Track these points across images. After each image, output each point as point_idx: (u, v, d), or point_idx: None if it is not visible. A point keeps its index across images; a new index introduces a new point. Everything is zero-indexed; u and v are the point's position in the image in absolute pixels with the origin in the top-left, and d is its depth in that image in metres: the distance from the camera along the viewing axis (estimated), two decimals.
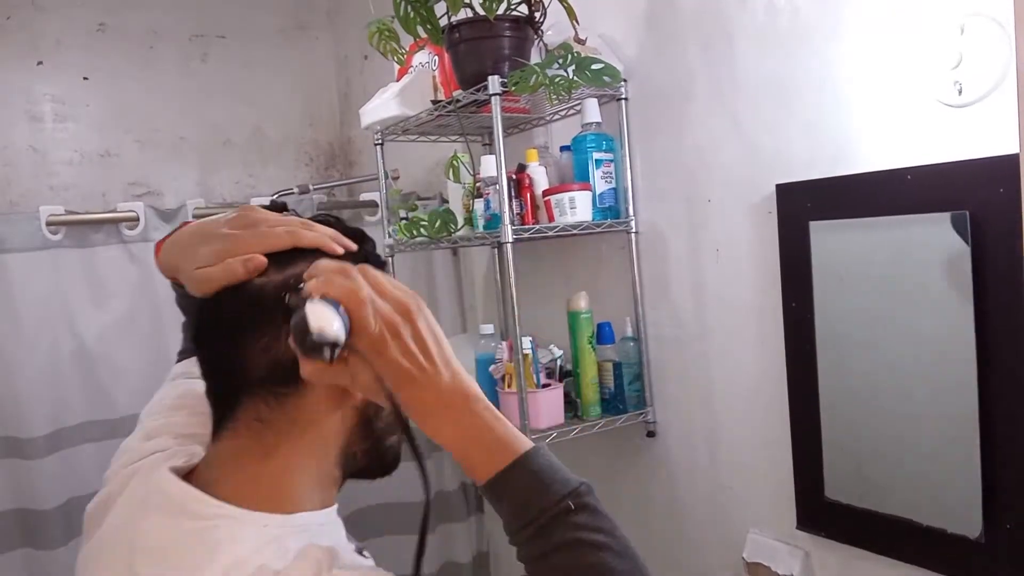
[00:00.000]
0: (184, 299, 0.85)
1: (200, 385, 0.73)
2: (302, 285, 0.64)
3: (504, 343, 1.50)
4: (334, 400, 0.69)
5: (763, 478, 1.34)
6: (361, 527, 2.07)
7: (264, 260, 0.66)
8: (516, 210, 1.47)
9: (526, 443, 0.68)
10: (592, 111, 1.48)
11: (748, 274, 1.33)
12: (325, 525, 0.72)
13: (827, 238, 1.17)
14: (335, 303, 0.62)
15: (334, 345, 0.61)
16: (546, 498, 0.65)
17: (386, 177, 1.82)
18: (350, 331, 0.62)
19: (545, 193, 1.48)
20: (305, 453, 0.70)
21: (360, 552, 0.78)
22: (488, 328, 1.60)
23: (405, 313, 0.65)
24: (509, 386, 1.46)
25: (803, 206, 1.20)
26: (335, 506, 0.75)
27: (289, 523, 0.67)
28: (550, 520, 0.64)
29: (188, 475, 0.71)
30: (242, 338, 0.67)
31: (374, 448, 0.74)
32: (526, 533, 0.64)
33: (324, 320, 0.60)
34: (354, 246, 0.73)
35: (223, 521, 0.65)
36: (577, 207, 1.44)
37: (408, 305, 0.65)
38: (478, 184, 1.53)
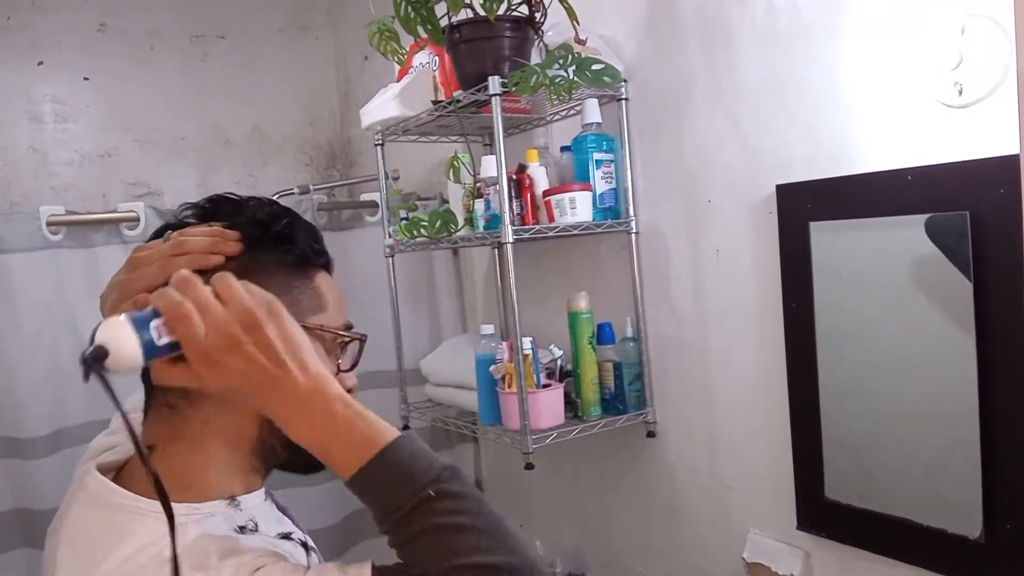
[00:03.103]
0: None
1: None
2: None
3: (504, 343, 1.50)
4: (222, 399, 0.72)
5: (763, 478, 1.35)
6: (360, 528, 2.07)
7: (147, 298, 0.67)
8: (516, 210, 1.47)
9: (389, 435, 0.68)
10: (592, 111, 1.48)
11: (748, 274, 1.33)
12: (239, 511, 0.74)
13: (827, 238, 1.17)
14: (151, 316, 0.63)
15: (95, 359, 0.61)
16: (407, 488, 0.65)
17: (386, 177, 1.82)
18: (175, 345, 0.63)
19: (545, 193, 1.48)
20: (214, 441, 0.74)
21: (287, 536, 0.78)
22: (488, 328, 1.60)
23: (250, 323, 0.65)
24: (509, 386, 1.46)
25: (803, 206, 1.20)
26: (257, 491, 0.78)
27: (196, 511, 0.71)
28: (411, 509, 0.65)
29: (121, 468, 0.77)
30: None
31: (292, 443, 0.73)
32: (389, 523, 0.66)
33: (106, 336, 0.61)
34: (234, 248, 0.74)
35: (129, 511, 0.69)
36: (577, 207, 1.44)
37: (253, 314, 0.65)
38: (478, 184, 1.53)
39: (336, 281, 0.82)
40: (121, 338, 0.61)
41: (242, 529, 0.73)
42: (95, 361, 0.60)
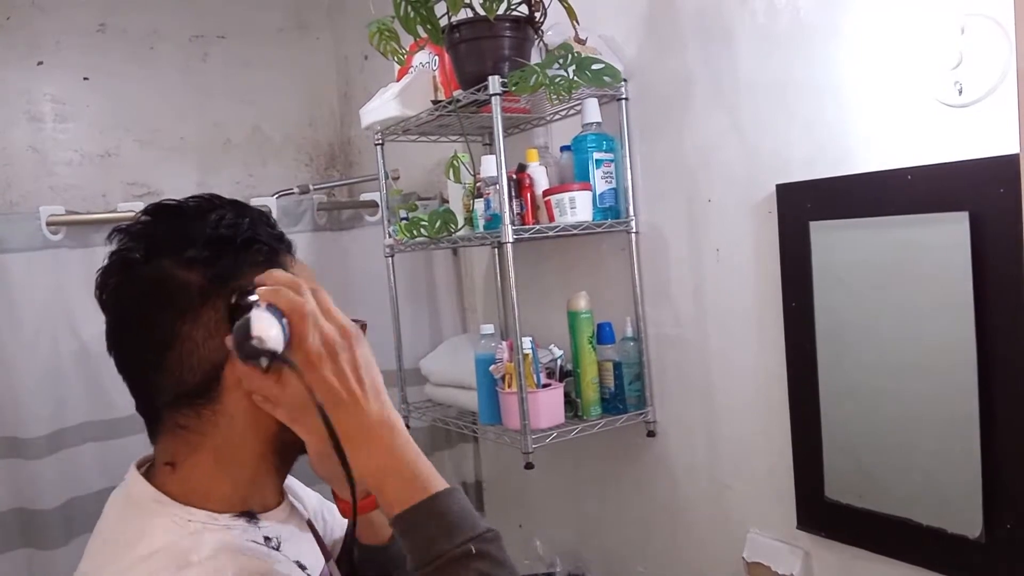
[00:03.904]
0: None
1: None
2: (251, 290, 0.68)
3: (504, 343, 1.50)
4: (247, 409, 0.72)
5: (763, 478, 1.35)
6: None
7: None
8: (516, 210, 1.47)
9: (441, 484, 0.70)
10: (592, 111, 1.48)
11: (748, 274, 1.33)
12: (257, 528, 0.74)
13: (827, 238, 1.17)
14: (279, 313, 0.65)
15: (272, 354, 0.63)
16: (450, 539, 0.66)
17: (386, 177, 1.82)
18: (289, 343, 0.66)
19: (545, 193, 1.48)
20: (231, 449, 0.73)
21: (303, 567, 0.77)
22: (488, 328, 1.60)
23: (346, 337, 0.69)
24: (509, 386, 1.46)
25: (803, 206, 1.20)
26: (278, 508, 0.78)
27: (215, 520, 0.71)
28: (449, 561, 0.66)
29: (152, 463, 0.77)
30: (149, 371, 0.72)
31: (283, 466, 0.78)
32: (427, 567, 0.66)
33: (265, 328, 0.63)
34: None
35: (154, 511, 0.70)
36: (577, 207, 1.44)
37: (350, 330, 0.69)
38: (478, 184, 1.53)
39: (306, 264, 0.81)
40: (272, 332, 0.64)
41: (267, 540, 0.73)
42: (272, 355, 0.63)
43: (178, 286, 0.70)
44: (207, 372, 0.70)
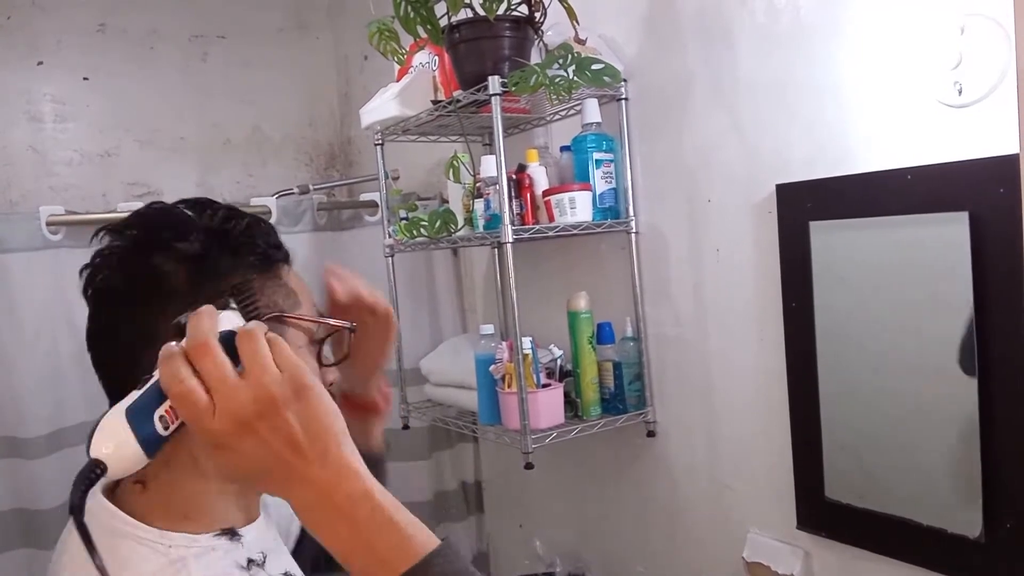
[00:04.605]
0: None
1: None
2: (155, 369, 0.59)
3: (504, 343, 1.50)
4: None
5: (763, 478, 1.35)
6: None
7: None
8: (516, 210, 1.47)
9: (420, 549, 0.59)
10: (592, 111, 1.48)
11: (748, 274, 1.33)
12: (240, 546, 0.70)
13: (827, 238, 1.17)
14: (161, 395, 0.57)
15: (90, 479, 0.55)
16: None
17: (386, 177, 1.82)
18: (180, 425, 0.58)
19: (545, 193, 1.48)
20: (203, 463, 0.68)
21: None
22: (488, 328, 1.60)
23: (267, 401, 0.57)
24: (509, 386, 1.46)
25: (803, 206, 1.20)
26: (258, 520, 0.74)
27: (195, 542, 0.66)
28: None
29: (116, 486, 0.71)
30: (124, 369, 0.66)
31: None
32: None
33: (100, 444, 0.56)
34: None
35: (129, 540, 0.65)
36: (577, 207, 1.44)
37: (271, 393, 0.57)
38: (478, 184, 1.53)
39: (302, 279, 0.77)
40: (118, 442, 0.55)
41: (250, 563, 0.69)
42: (89, 483, 0.54)
43: (164, 280, 0.67)
44: (132, 361, 0.64)
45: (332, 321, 0.76)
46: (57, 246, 1.75)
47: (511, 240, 1.38)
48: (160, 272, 0.67)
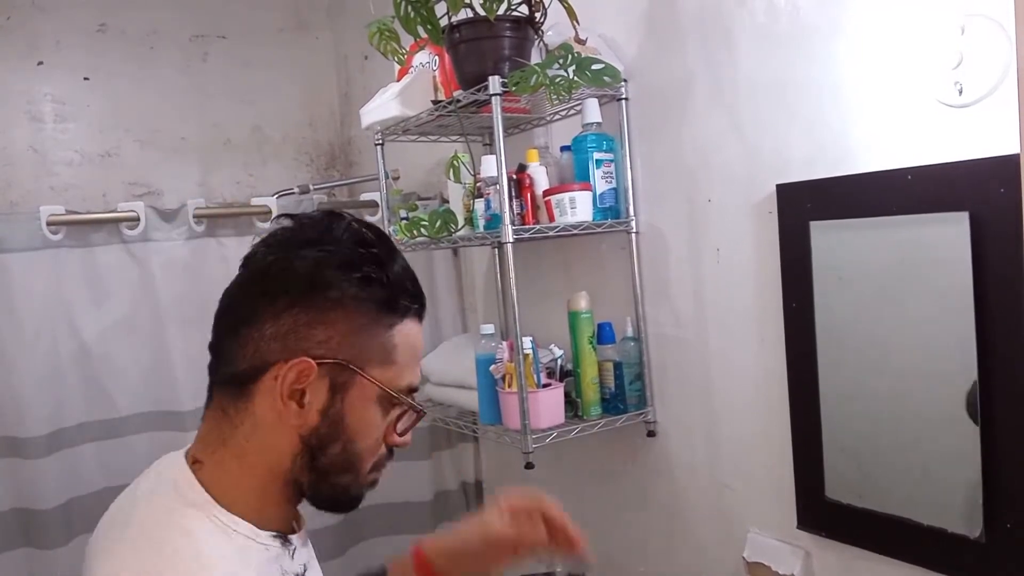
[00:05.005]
0: None
1: None
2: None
3: (504, 343, 1.50)
4: (276, 416, 0.71)
5: (763, 478, 1.35)
6: (360, 526, 2.07)
7: None
8: (516, 210, 1.47)
9: None
10: (592, 111, 1.48)
11: (748, 274, 1.33)
12: (291, 559, 0.74)
13: (827, 238, 1.17)
14: None
15: None
16: None
17: (386, 177, 1.82)
18: None
19: (545, 193, 1.48)
20: (254, 455, 0.72)
21: None
22: (488, 328, 1.60)
23: None
24: (509, 386, 1.46)
25: (803, 206, 1.20)
26: (300, 532, 0.78)
27: (257, 536, 0.71)
28: None
29: (198, 459, 0.75)
30: (226, 337, 0.74)
31: (319, 483, 0.75)
32: None
33: None
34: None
35: (201, 514, 0.69)
36: (577, 207, 1.44)
37: None
38: (478, 184, 1.53)
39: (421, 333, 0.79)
40: None
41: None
42: None
43: (285, 275, 0.71)
44: (255, 364, 0.71)
45: (397, 397, 0.76)
46: (57, 246, 1.75)
47: (511, 240, 1.38)
48: (286, 268, 0.72)
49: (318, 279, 0.71)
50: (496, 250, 1.94)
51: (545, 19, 1.43)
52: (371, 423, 0.74)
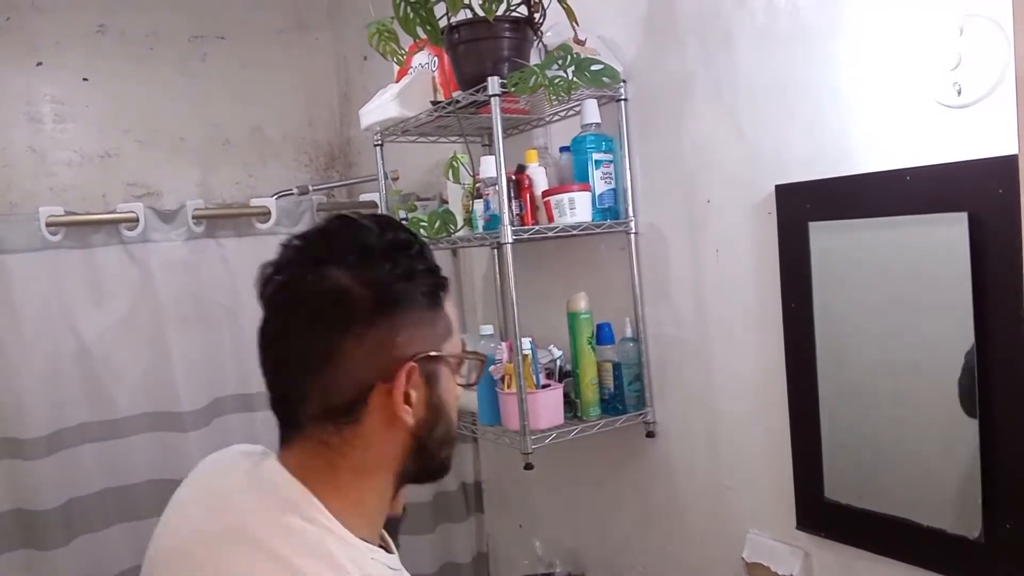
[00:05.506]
0: None
1: None
2: None
3: (504, 343, 1.50)
4: (387, 426, 0.74)
5: (763, 478, 1.35)
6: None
7: None
8: (516, 211, 1.47)
9: None
10: (591, 112, 1.48)
11: (748, 274, 1.33)
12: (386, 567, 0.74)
13: (827, 238, 1.17)
14: None
15: None
16: None
17: (386, 178, 1.82)
18: None
19: (545, 194, 1.48)
20: (373, 470, 0.75)
21: None
22: (488, 328, 1.60)
23: None
24: (509, 386, 1.46)
25: (803, 206, 1.20)
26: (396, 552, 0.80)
27: (390, 564, 0.73)
28: None
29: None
30: (301, 380, 0.73)
31: (427, 464, 0.79)
32: None
33: None
34: None
35: (333, 535, 0.69)
36: (577, 208, 1.44)
37: None
38: (478, 185, 1.53)
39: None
40: None
41: None
42: None
43: (350, 301, 0.71)
44: (356, 392, 0.72)
45: (471, 354, 0.82)
46: (57, 247, 1.75)
47: (511, 241, 1.38)
48: (346, 292, 0.71)
49: (380, 294, 0.72)
50: (495, 251, 1.94)
51: (544, 20, 1.44)
52: (455, 392, 0.80)
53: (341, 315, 0.71)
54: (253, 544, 0.68)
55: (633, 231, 1.52)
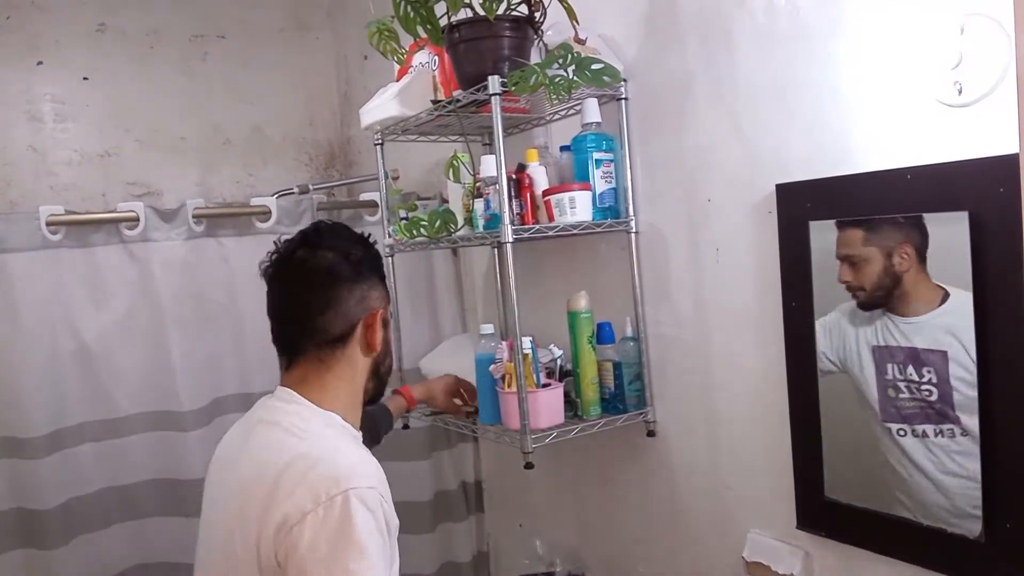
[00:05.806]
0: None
1: None
2: None
3: (504, 343, 1.50)
4: (362, 351, 1.15)
5: (763, 478, 1.35)
6: None
7: None
8: (516, 210, 1.47)
9: None
10: (592, 111, 1.48)
11: (748, 274, 1.33)
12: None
13: (827, 238, 1.17)
14: None
15: None
16: None
17: (386, 177, 1.82)
18: None
19: (545, 193, 1.48)
20: (347, 379, 1.14)
21: None
22: (488, 328, 1.60)
23: None
24: (509, 386, 1.46)
25: (803, 206, 1.20)
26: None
27: (354, 434, 1.13)
28: None
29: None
30: (313, 317, 1.12)
31: (378, 386, 1.23)
32: None
33: None
34: None
35: (316, 410, 1.10)
36: (577, 207, 1.44)
37: None
38: (478, 184, 1.53)
39: None
40: None
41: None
42: None
43: (339, 269, 1.13)
44: (347, 326, 1.12)
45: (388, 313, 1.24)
46: (57, 246, 1.75)
47: (511, 240, 1.38)
48: (340, 265, 1.13)
49: (364, 263, 1.16)
50: (496, 250, 1.94)
51: (545, 19, 1.43)
52: (389, 339, 1.23)
53: (335, 278, 1.12)
54: (270, 424, 1.09)
55: (633, 230, 1.52)
